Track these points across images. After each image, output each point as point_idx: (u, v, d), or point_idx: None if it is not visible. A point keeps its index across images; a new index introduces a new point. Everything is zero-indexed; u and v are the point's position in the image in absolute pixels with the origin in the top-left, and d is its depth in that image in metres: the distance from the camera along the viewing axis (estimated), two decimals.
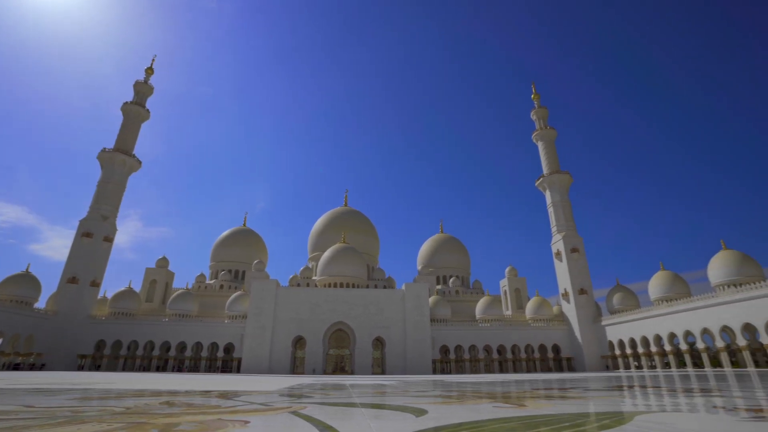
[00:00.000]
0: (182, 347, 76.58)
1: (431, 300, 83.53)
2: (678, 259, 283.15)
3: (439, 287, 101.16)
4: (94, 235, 78.70)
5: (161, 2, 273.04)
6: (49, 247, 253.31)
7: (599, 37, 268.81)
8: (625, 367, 70.84)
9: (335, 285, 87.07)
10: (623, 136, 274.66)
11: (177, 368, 75.42)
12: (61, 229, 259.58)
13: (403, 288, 79.61)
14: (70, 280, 74.31)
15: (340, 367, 74.33)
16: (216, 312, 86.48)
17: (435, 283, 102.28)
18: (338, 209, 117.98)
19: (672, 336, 62.41)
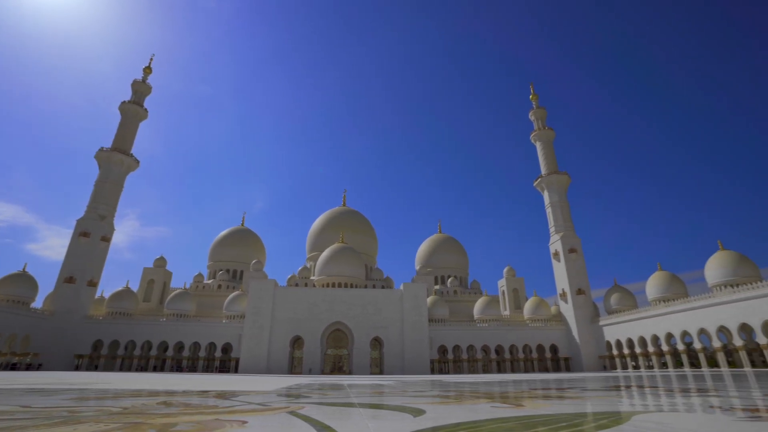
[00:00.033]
0: (180, 347, 76.39)
1: (429, 300, 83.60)
2: (675, 260, 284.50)
3: (438, 287, 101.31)
4: (92, 235, 78.48)
5: (160, 1, 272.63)
6: (46, 247, 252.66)
7: (599, 37, 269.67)
8: (623, 367, 71.04)
9: (333, 285, 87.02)
10: (622, 137, 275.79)
11: (177, 368, 75.23)
12: (59, 229, 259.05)
13: (401, 288, 79.61)
14: (67, 280, 74.05)
15: (338, 367, 74.29)
16: (214, 312, 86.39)
17: (433, 283, 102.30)
18: (336, 209, 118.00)
19: (669, 336, 62.69)
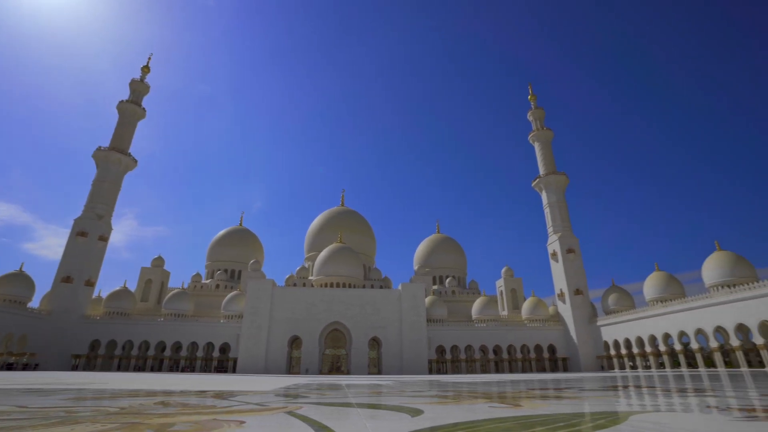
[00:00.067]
0: (178, 347, 76.19)
1: (427, 300, 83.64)
2: (673, 260, 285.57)
3: (436, 287, 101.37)
4: (89, 234, 78.23)
5: None
6: (44, 246, 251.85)
7: (598, 37, 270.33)
8: (620, 368, 71.22)
9: (331, 285, 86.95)
10: (621, 137, 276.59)
11: (176, 368, 74.98)
12: (56, 228, 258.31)
13: (400, 288, 79.62)
14: (65, 280, 73.79)
15: (336, 367, 74.24)
16: (212, 312, 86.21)
17: (431, 284, 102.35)
18: (335, 209, 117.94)
19: (666, 336, 62.90)
